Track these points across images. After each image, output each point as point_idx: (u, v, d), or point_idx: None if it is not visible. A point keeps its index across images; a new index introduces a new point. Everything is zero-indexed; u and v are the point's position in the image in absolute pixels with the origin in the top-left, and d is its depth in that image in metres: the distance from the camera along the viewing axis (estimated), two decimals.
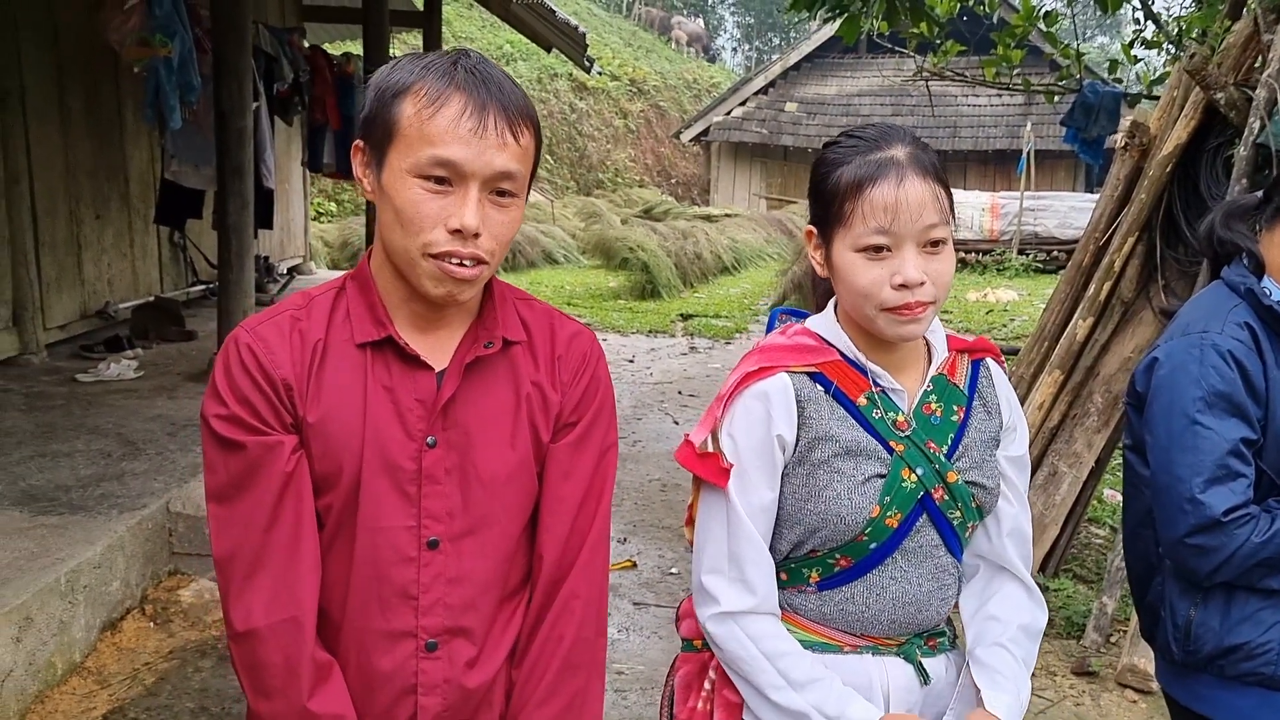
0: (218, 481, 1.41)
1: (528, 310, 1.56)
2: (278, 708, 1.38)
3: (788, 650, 1.55)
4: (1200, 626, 1.80)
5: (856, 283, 1.50)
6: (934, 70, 7.98)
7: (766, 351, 1.60)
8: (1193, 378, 1.75)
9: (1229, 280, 1.85)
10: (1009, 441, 1.66)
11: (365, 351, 1.44)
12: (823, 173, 1.54)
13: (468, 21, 24.27)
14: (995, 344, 1.71)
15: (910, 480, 1.55)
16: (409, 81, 1.36)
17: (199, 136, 6.68)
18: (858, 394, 1.57)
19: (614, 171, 25.52)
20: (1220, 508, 1.68)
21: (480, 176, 1.34)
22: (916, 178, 1.47)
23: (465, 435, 1.46)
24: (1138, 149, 4.30)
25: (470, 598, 1.47)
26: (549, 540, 1.51)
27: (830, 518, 1.54)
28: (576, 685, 1.51)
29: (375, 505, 1.43)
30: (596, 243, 14.50)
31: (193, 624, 3.87)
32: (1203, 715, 1.84)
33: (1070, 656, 3.98)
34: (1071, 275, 4.53)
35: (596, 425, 1.55)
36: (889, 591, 1.59)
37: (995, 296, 13.33)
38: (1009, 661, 1.61)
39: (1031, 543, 1.70)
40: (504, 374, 1.50)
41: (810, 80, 24.48)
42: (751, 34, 48.18)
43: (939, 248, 1.49)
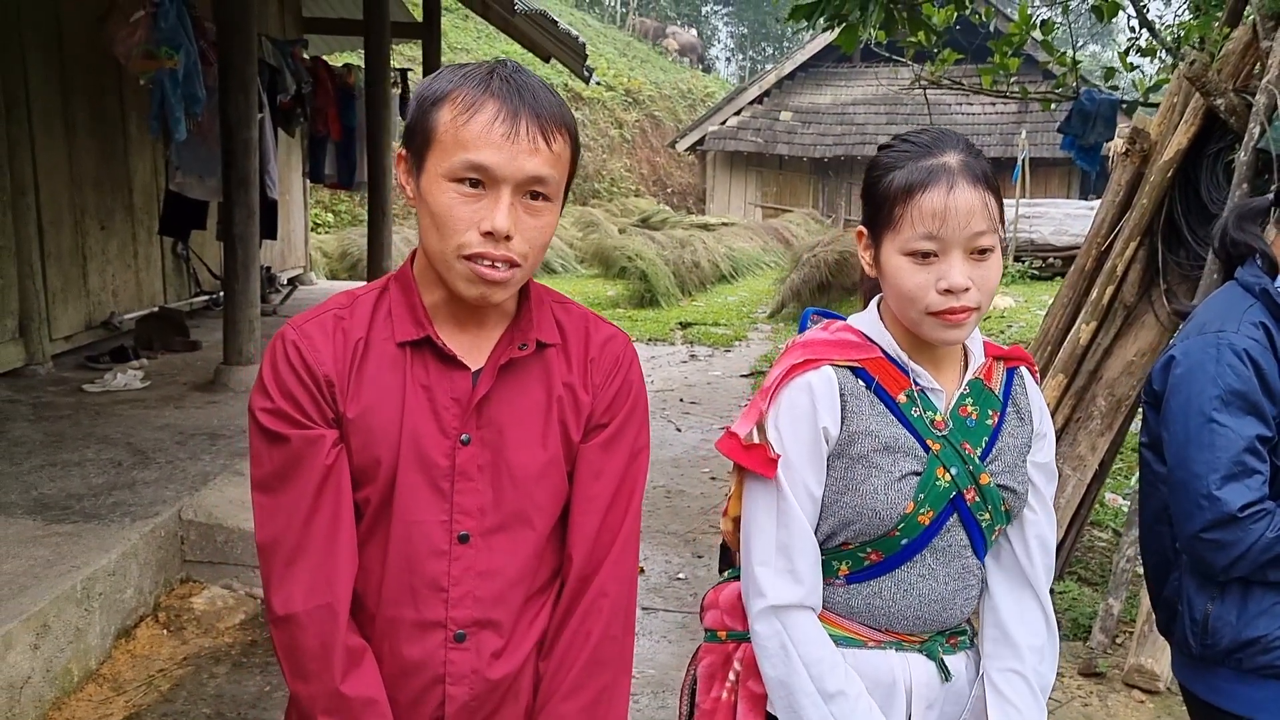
0: (262, 472, 1.47)
1: (564, 313, 1.60)
2: (313, 690, 1.43)
3: (823, 658, 1.58)
4: (1217, 620, 1.83)
5: (903, 286, 1.53)
6: (931, 79, 8.04)
7: (811, 345, 1.63)
8: (1209, 376, 1.78)
9: (1243, 281, 1.88)
10: (1038, 449, 1.69)
11: (405, 350, 1.49)
12: (875, 175, 1.58)
13: (463, 33, 24.34)
14: (1029, 354, 1.75)
15: (944, 480, 1.58)
16: (447, 89, 1.41)
17: (203, 148, 6.72)
18: (898, 391, 1.60)
19: (610, 181, 25.57)
20: (1236, 504, 1.71)
21: (512, 180, 1.38)
22: (967, 185, 1.50)
23: (498, 433, 1.50)
24: (1139, 155, 4.34)
25: (499, 591, 1.51)
26: (579, 539, 1.55)
27: (866, 511, 1.57)
28: (603, 681, 1.55)
29: (410, 499, 1.48)
30: (594, 252, 14.56)
31: (206, 631, 3.89)
32: (1221, 708, 1.86)
33: (1077, 658, 4.01)
34: (1074, 280, 4.57)
35: (628, 427, 1.59)
36: (916, 589, 1.62)
37: (993, 303, 13.37)
38: (1023, 690, 1.64)
39: (1054, 552, 1.72)
40: (537, 375, 1.54)
41: (805, 89, 24.58)
42: (745, 44, 48.34)
43: (986, 255, 1.52)
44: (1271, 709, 1.79)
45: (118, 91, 7.31)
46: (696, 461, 6.70)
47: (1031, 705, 1.64)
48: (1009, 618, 1.67)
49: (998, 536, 1.67)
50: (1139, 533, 2.03)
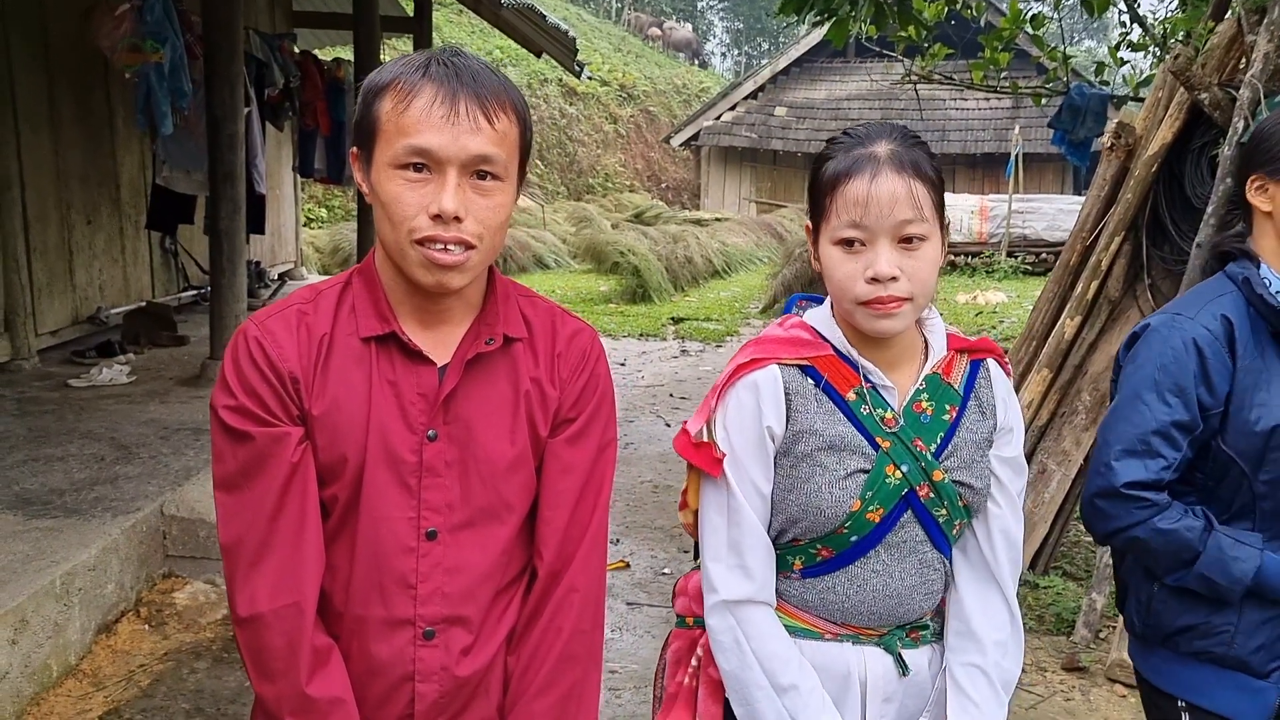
0: (226, 470, 1.45)
1: (530, 307, 1.59)
2: (280, 690, 1.42)
3: (776, 652, 1.59)
4: (1160, 603, 1.86)
5: (834, 275, 1.54)
6: (921, 74, 8.03)
7: (762, 343, 1.64)
8: (1153, 354, 1.83)
9: (1230, 271, 1.89)
10: (1004, 443, 1.67)
11: (370, 346, 1.48)
12: (815, 169, 1.59)
13: (457, 28, 24.29)
14: (998, 345, 1.73)
15: (894, 477, 1.57)
16: (387, 80, 1.40)
17: (190, 142, 6.70)
18: (847, 389, 1.60)
19: (604, 176, 25.55)
20: (1123, 478, 1.77)
21: (456, 161, 1.37)
22: (891, 173, 1.50)
23: (465, 429, 1.49)
24: (1123, 149, 4.34)
25: (468, 587, 1.50)
26: (548, 534, 1.54)
27: (810, 509, 1.58)
28: (574, 676, 1.54)
29: (377, 496, 1.46)
30: (587, 247, 14.53)
31: (187, 626, 3.88)
32: (1160, 689, 1.89)
33: (1060, 652, 4.01)
34: (1059, 275, 4.57)
35: (595, 421, 1.58)
36: (870, 584, 1.62)
37: (985, 299, 13.39)
38: (982, 685, 1.63)
39: (1021, 546, 1.71)
40: (504, 370, 1.53)
41: (799, 85, 24.57)
42: (740, 39, 48.31)
43: (916, 244, 1.51)
44: (1205, 692, 1.82)
45: (103, 85, 7.28)
46: None
47: (991, 700, 1.63)
48: (972, 612, 1.66)
49: (960, 531, 1.66)
50: None
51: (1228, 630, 1.79)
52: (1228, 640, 1.79)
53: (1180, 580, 1.79)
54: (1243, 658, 1.79)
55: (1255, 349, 1.80)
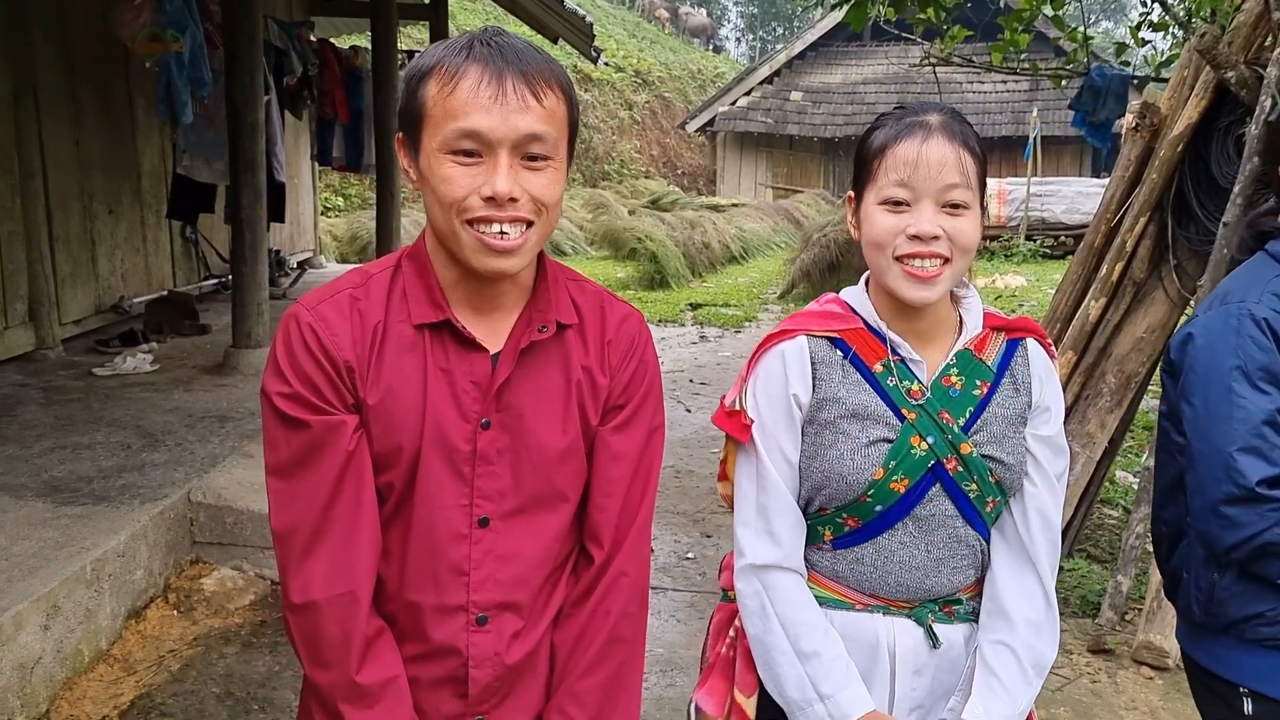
0: (279, 457, 1.44)
1: (579, 292, 1.58)
2: (333, 678, 1.42)
3: (803, 619, 1.61)
4: (1224, 591, 1.82)
5: (875, 231, 1.58)
6: (940, 56, 7.97)
7: (795, 318, 1.69)
8: (1230, 347, 1.76)
9: (1273, 250, 1.86)
10: (1040, 421, 1.67)
11: (423, 333, 1.47)
12: (864, 139, 1.64)
13: (473, 14, 24.24)
14: (1040, 326, 1.73)
15: (920, 448, 1.59)
16: (430, 64, 1.39)
17: (210, 131, 6.72)
18: (874, 361, 1.63)
19: (620, 163, 25.50)
20: (1254, 477, 1.69)
21: (508, 142, 1.36)
22: (942, 139, 1.55)
23: (518, 417, 1.49)
24: (1149, 130, 4.30)
25: (520, 574, 1.51)
26: (601, 520, 1.55)
27: (833, 476, 1.61)
28: (621, 657, 1.56)
29: (432, 484, 1.46)
30: (604, 233, 14.52)
31: (215, 611, 3.91)
32: (1220, 676, 1.86)
33: (1086, 635, 4.00)
34: (1083, 256, 4.54)
35: (644, 408, 1.58)
36: (898, 555, 1.64)
37: (1004, 282, 13.32)
38: (1010, 663, 1.62)
39: (1059, 529, 1.70)
40: (556, 358, 1.53)
41: (815, 69, 24.45)
42: (755, 24, 48.07)
43: (959, 211, 1.55)
44: (1270, 679, 1.79)
45: (124, 75, 7.31)
46: (706, 442, 6.70)
47: (1018, 679, 1.62)
48: (1005, 590, 1.66)
49: (995, 508, 1.66)
50: (1153, 500, 2.02)
51: None
52: None
53: None
54: None
55: None
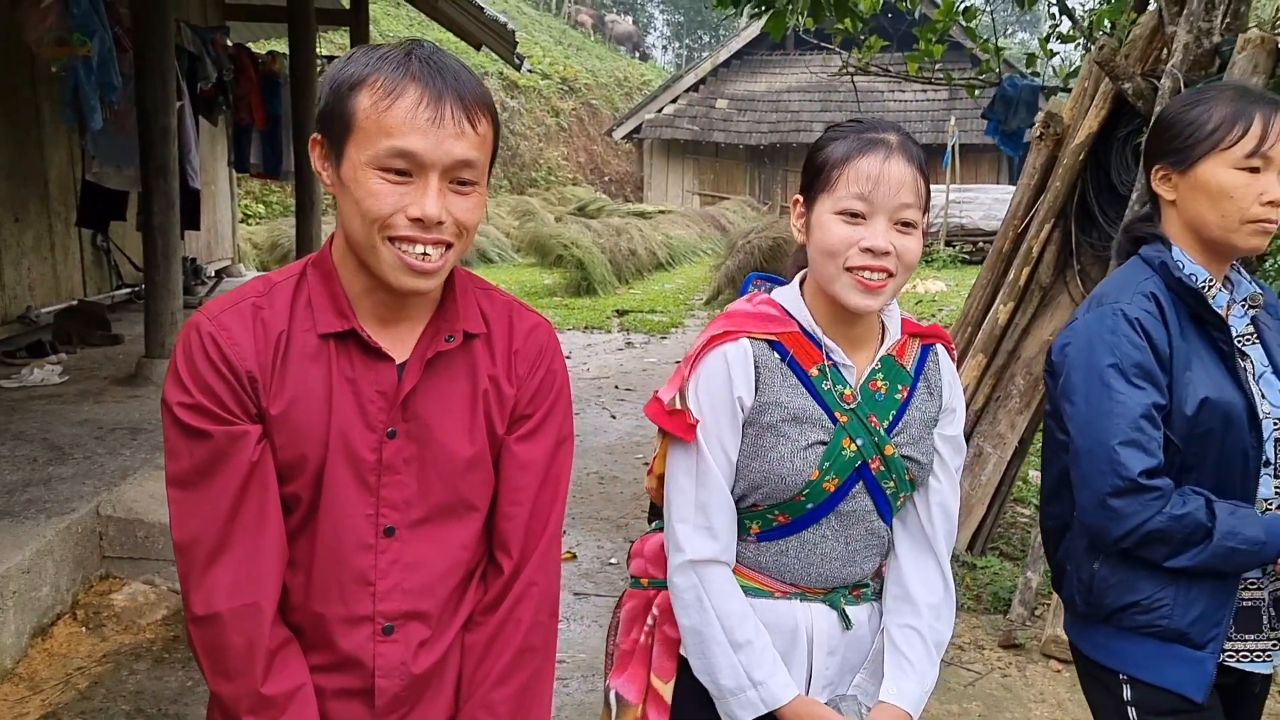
0: (180, 468, 1.42)
1: (487, 302, 1.58)
2: (237, 689, 1.41)
3: (735, 610, 1.68)
4: (1102, 581, 1.89)
5: (827, 240, 1.62)
6: (858, 66, 8.12)
7: (732, 317, 1.72)
8: (1107, 346, 1.83)
9: (1145, 255, 1.94)
10: (947, 422, 1.78)
11: (328, 343, 1.46)
12: (819, 146, 1.69)
13: (395, 20, 24.01)
14: (946, 332, 1.83)
15: (850, 449, 1.67)
16: (364, 74, 1.37)
17: (121, 136, 6.57)
18: (810, 365, 1.69)
19: (547, 170, 25.47)
20: (1136, 468, 1.76)
21: (440, 165, 1.36)
22: (901, 159, 1.62)
23: (424, 427, 1.49)
24: (1052, 138, 4.44)
25: (427, 583, 1.51)
26: (509, 529, 1.56)
27: (773, 476, 1.66)
28: (533, 667, 1.56)
29: (337, 494, 1.46)
30: (531, 241, 14.50)
31: (126, 627, 3.82)
32: (1102, 664, 1.93)
33: (997, 630, 4.10)
34: (992, 262, 4.67)
35: (552, 417, 1.59)
36: (820, 549, 1.72)
37: (924, 288, 13.58)
38: (918, 645, 1.76)
39: (957, 519, 1.82)
40: (463, 367, 1.53)
41: (740, 77, 24.68)
42: (682, 32, 48.39)
43: (910, 230, 1.63)
44: (1147, 665, 1.86)
45: (30, 79, 7.11)
46: (630, 448, 6.72)
47: (924, 659, 1.75)
48: (910, 578, 1.78)
49: (903, 503, 1.76)
50: (1041, 496, 2.09)
51: (1167, 604, 1.83)
52: (1168, 613, 1.83)
53: (1194, 559, 1.78)
54: (1182, 629, 1.83)
55: (1179, 330, 1.85)
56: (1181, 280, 1.85)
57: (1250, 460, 1.84)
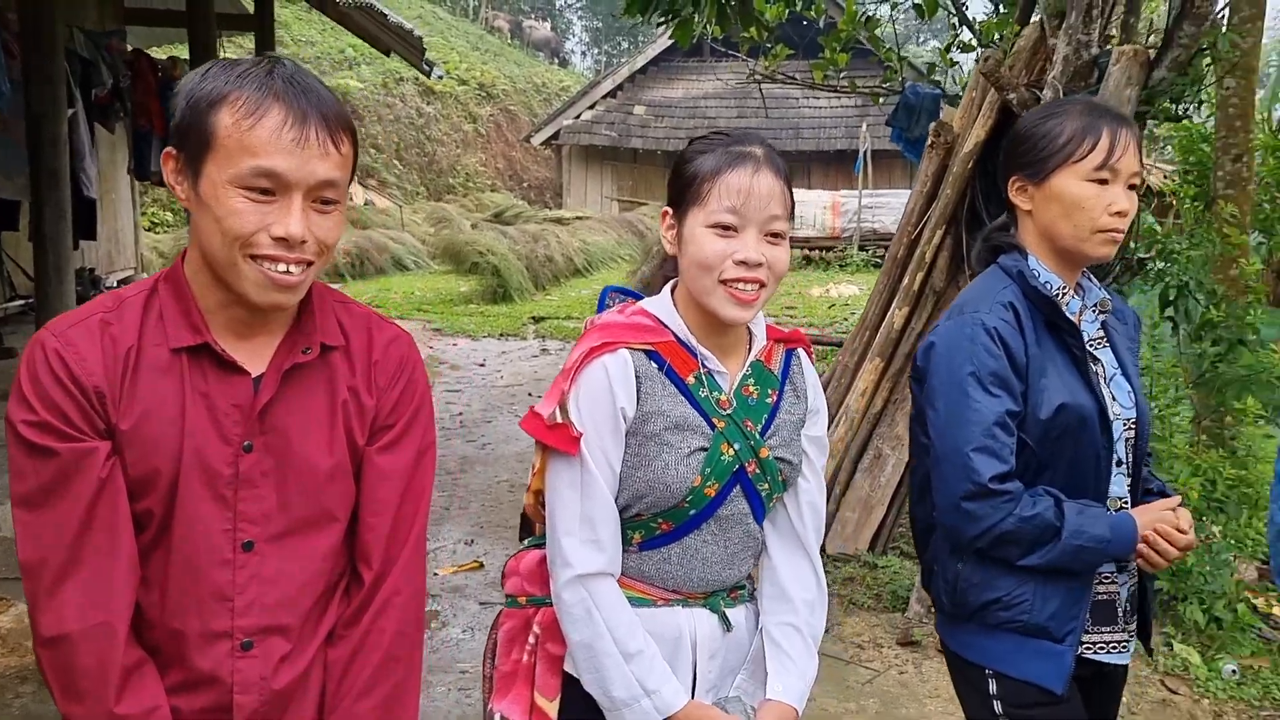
0: (26, 488, 1.40)
1: (346, 315, 1.59)
2: (88, 711, 1.39)
3: (624, 620, 1.69)
4: (965, 580, 1.96)
5: (703, 254, 1.65)
6: (765, 73, 8.24)
7: (608, 328, 1.73)
8: (965, 355, 1.90)
9: (1003, 264, 2.01)
10: (812, 423, 1.84)
11: (181, 357, 1.45)
12: (686, 159, 1.72)
13: (308, 25, 23.64)
14: (807, 335, 1.91)
15: (728, 454, 1.71)
16: (224, 91, 1.37)
17: (10, 145, 6.37)
18: (687, 373, 1.72)
19: (465, 176, 25.28)
20: (987, 474, 1.83)
21: (304, 186, 1.38)
22: (769, 173, 1.66)
23: (282, 440, 1.49)
24: (943, 147, 4.56)
25: (287, 597, 1.50)
26: (371, 540, 1.56)
27: (658, 485, 1.69)
28: (397, 678, 1.56)
29: (191, 509, 1.45)
30: (446, 248, 14.38)
31: (12, 649, 3.71)
32: (968, 660, 2.00)
33: (896, 628, 4.19)
34: (888, 268, 4.78)
35: (414, 428, 1.60)
36: (700, 554, 1.75)
37: (837, 292, 13.81)
38: (797, 641, 1.81)
39: (824, 516, 1.88)
40: (321, 379, 1.53)
41: (657, 84, 24.79)
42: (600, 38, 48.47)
43: (779, 240, 1.67)
44: (1010, 660, 1.93)
45: None
46: None
47: (804, 653, 1.81)
48: (784, 576, 1.83)
49: (775, 504, 1.81)
50: (910, 498, 2.15)
51: (1026, 600, 1.90)
52: (1028, 609, 1.90)
53: (1045, 557, 1.85)
54: (1042, 624, 1.90)
55: (1035, 337, 1.92)
56: (1037, 288, 1.92)
57: (1102, 460, 1.92)
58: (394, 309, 12.45)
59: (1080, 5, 4.01)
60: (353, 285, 14.18)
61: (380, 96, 23.32)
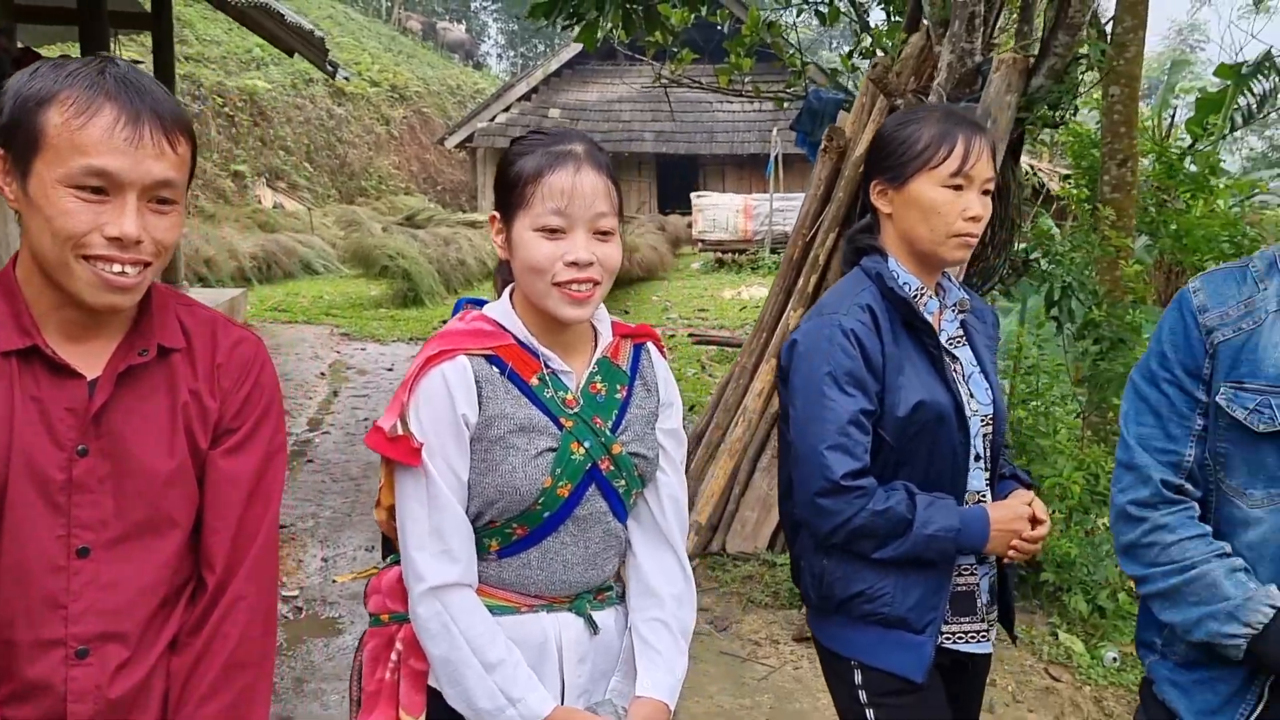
0: None
1: (189, 316, 1.57)
2: None
3: (484, 630, 1.67)
4: (830, 574, 2.00)
5: (532, 258, 1.65)
6: (671, 77, 8.30)
7: (446, 336, 1.72)
8: (823, 355, 1.95)
9: (864, 266, 2.07)
10: (666, 416, 1.85)
11: (10, 361, 1.42)
12: (509, 161, 1.71)
13: (213, 24, 23.09)
14: (655, 331, 1.91)
15: (579, 453, 1.71)
16: (54, 90, 1.35)
17: None
18: (530, 375, 1.71)
19: (378, 179, 24.95)
20: (840, 471, 1.88)
21: (139, 185, 1.37)
22: (591, 170, 1.66)
23: (119, 444, 1.46)
24: (836, 151, 4.65)
25: (126, 603, 1.48)
26: (214, 544, 1.54)
27: (507, 490, 1.67)
28: (243, 682, 1.54)
29: (21, 516, 1.42)
30: (355, 251, 14.15)
31: None
32: (836, 653, 2.05)
33: (792, 625, 4.26)
34: (784, 270, 4.85)
35: (261, 431, 1.59)
36: (561, 556, 1.74)
37: (748, 294, 13.97)
38: (665, 636, 1.81)
39: (687, 509, 1.90)
40: (161, 382, 1.51)
41: (572, 87, 24.79)
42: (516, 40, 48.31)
43: (608, 237, 1.68)
44: (873, 651, 1.98)
45: None
46: None
47: (673, 648, 1.80)
48: (650, 572, 1.83)
49: (635, 500, 1.81)
50: (778, 494, 2.19)
51: (887, 593, 1.95)
52: (889, 601, 1.96)
53: (899, 549, 1.90)
54: (902, 615, 1.96)
55: (892, 337, 1.98)
56: (894, 289, 1.98)
57: (959, 456, 1.99)
58: (301, 313, 12.25)
59: (963, 14, 4.13)
60: (259, 289, 13.90)
61: (289, 97, 22.91)
